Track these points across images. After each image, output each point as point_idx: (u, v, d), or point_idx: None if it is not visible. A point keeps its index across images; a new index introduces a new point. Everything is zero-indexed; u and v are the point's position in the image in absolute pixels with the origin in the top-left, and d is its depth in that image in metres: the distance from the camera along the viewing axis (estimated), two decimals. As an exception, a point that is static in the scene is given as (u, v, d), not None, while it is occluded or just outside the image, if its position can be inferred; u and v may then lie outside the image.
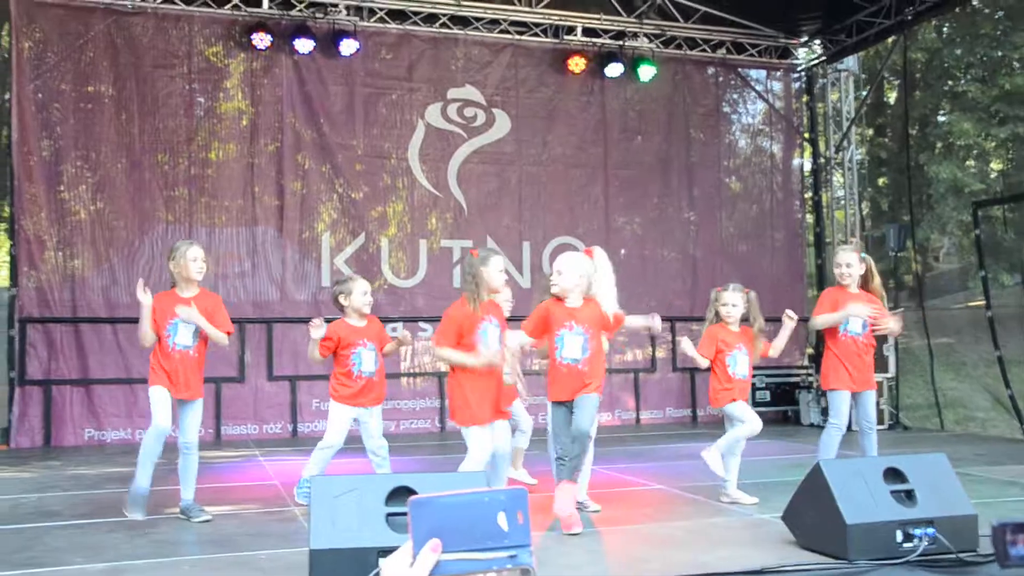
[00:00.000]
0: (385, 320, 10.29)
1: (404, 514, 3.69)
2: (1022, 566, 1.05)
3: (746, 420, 5.54)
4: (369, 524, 3.64)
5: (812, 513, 4.15)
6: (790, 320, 5.74)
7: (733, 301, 5.58)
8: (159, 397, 5.11)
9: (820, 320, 5.78)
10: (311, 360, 5.69)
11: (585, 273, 4.96)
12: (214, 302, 5.37)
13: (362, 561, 3.50)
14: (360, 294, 5.62)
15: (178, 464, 5.21)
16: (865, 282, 5.79)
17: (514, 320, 5.49)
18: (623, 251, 11.45)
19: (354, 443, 5.64)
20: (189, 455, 5.18)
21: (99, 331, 9.34)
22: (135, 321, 5.38)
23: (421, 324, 10.46)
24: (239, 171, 10.01)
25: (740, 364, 5.65)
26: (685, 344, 5.85)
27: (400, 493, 3.74)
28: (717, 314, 5.77)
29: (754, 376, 10.96)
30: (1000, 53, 17.65)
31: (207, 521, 5.09)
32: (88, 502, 5.85)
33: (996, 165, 18.95)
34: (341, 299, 5.67)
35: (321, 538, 3.61)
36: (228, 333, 5.35)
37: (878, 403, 10.10)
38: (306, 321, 5.94)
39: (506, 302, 5.52)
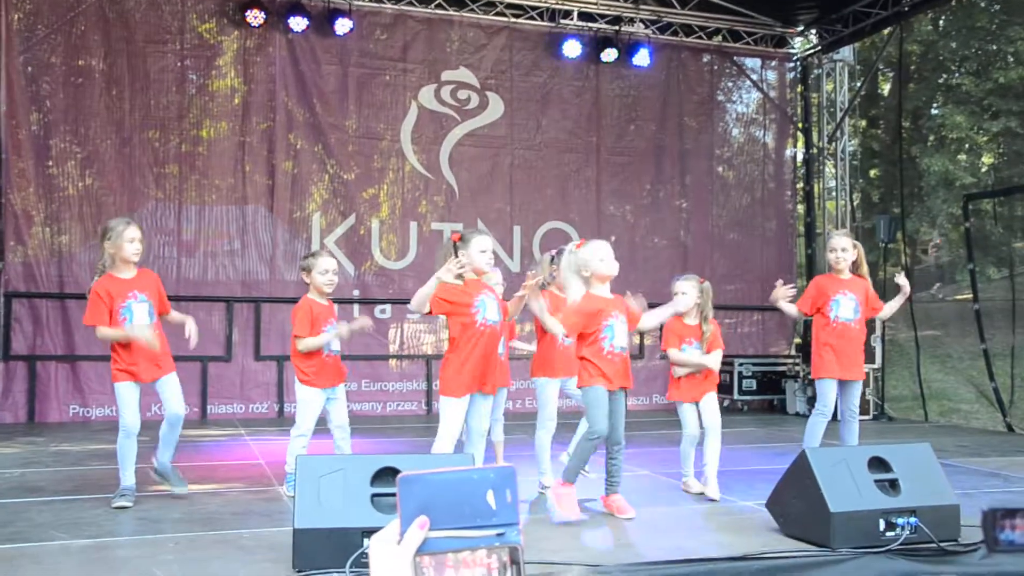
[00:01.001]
0: (374, 302, 10.36)
1: (389, 495, 3.69)
2: (1010, 551, 1.05)
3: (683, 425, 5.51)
4: (354, 504, 3.64)
5: (796, 501, 4.17)
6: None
7: (683, 290, 5.49)
8: (125, 394, 4.91)
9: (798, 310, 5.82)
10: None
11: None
12: (156, 281, 5.19)
13: (346, 541, 3.50)
14: (319, 272, 5.39)
15: (162, 430, 5.05)
16: (855, 267, 5.81)
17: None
18: (613, 237, 11.41)
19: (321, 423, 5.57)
20: (177, 427, 5.07)
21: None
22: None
23: (409, 306, 10.44)
24: (230, 149, 9.95)
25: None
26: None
27: (385, 474, 3.73)
28: None
29: (740, 364, 11.09)
30: (995, 47, 17.66)
31: (182, 494, 5.07)
32: (72, 478, 5.84)
33: (987, 159, 18.99)
34: (303, 275, 5.53)
35: (305, 518, 3.60)
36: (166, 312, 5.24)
37: (864, 393, 10.18)
38: (295, 301, 5.87)
39: (497, 285, 5.43)
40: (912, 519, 3.96)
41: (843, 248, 5.77)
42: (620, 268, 4.99)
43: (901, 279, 5.77)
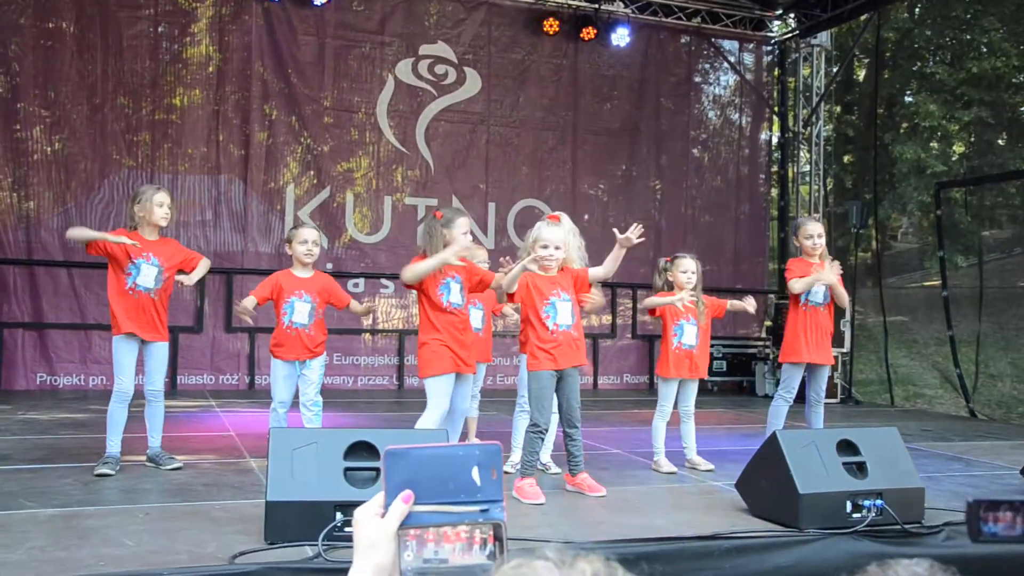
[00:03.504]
0: (347, 275, 10.30)
1: (362, 469, 3.69)
2: (992, 542, 1.08)
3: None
4: (327, 478, 3.63)
5: (765, 482, 4.22)
6: (749, 306, 5.89)
7: (692, 268, 5.66)
8: (125, 352, 4.95)
9: (799, 284, 5.80)
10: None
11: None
12: (178, 249, 5.28)
13: (318, 515, 3.50)
14: (299, 243, 5.38)
15: (145, 411, 5.12)
16: (822, 254, 5.90)
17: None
18: (587, 216, 11.46)
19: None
20: (156, 404, 5.10)
21: (54, 274, 9.17)
22: (92, 266, 5.28)
23: (383, 281, 10.43)
24: (204, 118, 9.82)
25: (687, 335, 5.70)
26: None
27: (359, 448, 3.73)
28: (669, 283, 5.78)
29: (711, 345, 11.18)
30: (969, 36, 17.81)
31: (178, 468, 5.05)
32: (39, 447, 5.78)
33: (958, 148, 19.21)
34: (287, 247, 5.60)
35: (277, 490, 3.59)
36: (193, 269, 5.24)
37: (832, 377, 10.31)
38: (267, 273, 5.86)
39: (482, 263, 5.45)
40: (878, 501, 4.02)
41: (819, 234, 5.85)
42: (592, 246, 5.04)
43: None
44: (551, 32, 10.91)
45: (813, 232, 5.85)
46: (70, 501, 4.25)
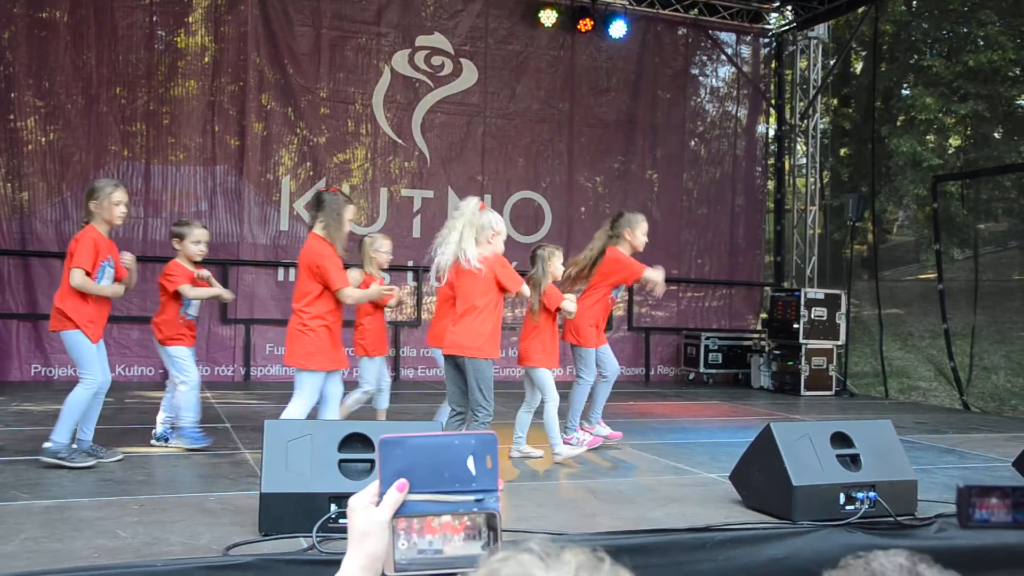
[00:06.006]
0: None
1: (357, 461, 3.69)
2: (982, 528, 1.09)
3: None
4: (321, 470, 3.64)
5: (760, 474, 4.23)
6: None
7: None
8: (94, 348, 4.90)
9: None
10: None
11: None
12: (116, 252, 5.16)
13: (313, 506, 3.50)
14: (192, 242, 5.55)
15: (93, 404, 5.02)
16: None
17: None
18: (583, 208, 11.46)
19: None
20: (103, 396, 5.07)
21: (48, 265, 9.14)
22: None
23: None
24: (200, 109, 9.79)
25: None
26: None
27: (353, 440, 3.73)
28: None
29: (707, 338, 11.21)
30: (966, 30, 17.78)
31: (119, 460, 5.00)
32: (34, 438, 5.76)
33: (955, 141, 19.20)
34: (175, 242, 5.63)
35: (272, 482, 3.60)
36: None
37: (827, 369, 10.34)
38: (263, 265, 5.87)
39: (386, 254, 5.98)
40: (871, 493, 4.04)
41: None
42: (590, 238, 5.09)
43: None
44: (548, 24, 10.88)
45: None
46: (64, 493, 4.25)
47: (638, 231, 6.01)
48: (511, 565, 0.86)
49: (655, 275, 5.89)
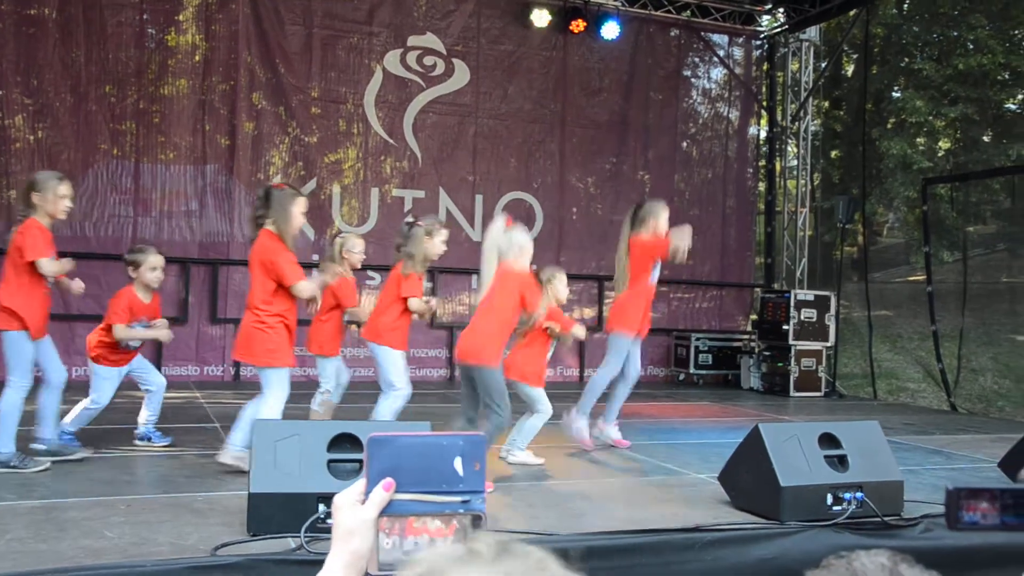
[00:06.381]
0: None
1: (346, 461, 3.68)
2: (970, 530, 1.09)
3: None
4: (310, 470, 3.63)
5: (748, 475, 4.24)
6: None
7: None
8: (33, 350, 4.77)
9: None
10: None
11: None
12: None
13: (302, 506, 3.50)
14: (148, 269, 5.47)
15: (43, 402, 4.93)
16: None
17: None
18: (575, 209, 11.47)
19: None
20: (62, 392, 4.98)
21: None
22: (75, 256, 5.22)
23: (369, 272, 10.38)
24: (190, 108, 9.76)
25: None
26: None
27: (342, 440, 3.73)
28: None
29: (697, 339, 11.23)
30: (956, 33, 17.87)
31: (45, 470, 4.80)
32: (20, 438, 5.71)
33: (944, 144, 19.29)
34: (130, 270, 5.51)
35: (261, 482, 3.59)
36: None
37: (816, 370, 10.37)
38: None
39: (359, 254, 6.03)
40: (858, 494, 4.05)
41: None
42: (581, 239, 5.12)
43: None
44: (540, 25, 10.87)
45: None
46: (51, 493, 4.23)
47: (661, 219, 6.18)
48: (458, 563, 0.85)
49: (680, 242, 5.96)
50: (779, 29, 12.38)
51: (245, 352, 4.86)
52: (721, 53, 12.33)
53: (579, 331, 5.61)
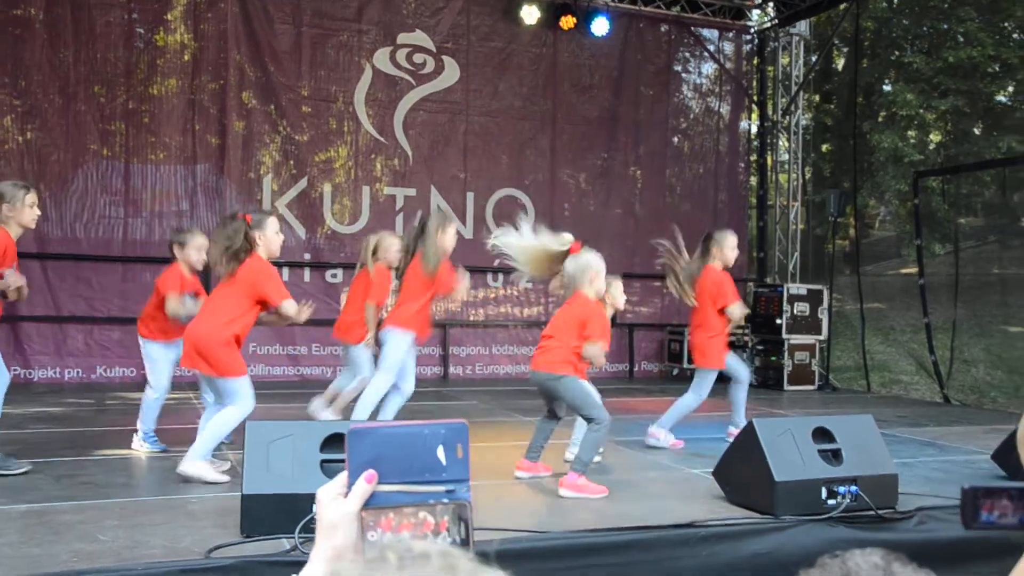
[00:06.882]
0: (326, 266, 10.25)
1: (339, 461, 3.67)
2: (987, 529, 1.08)
3: None
4: (303, 471, 3.62)
5: (742, 470, 4.24)
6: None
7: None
8: None
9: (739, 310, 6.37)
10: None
11: None
12: None
13: (295, 507, 3.48)
14: (194, 249, 5.58)
15: None
16: None
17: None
18: (567, 205, 11.46)
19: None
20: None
21: (27, 267, 8.98)
22: (66, 257, 5.19)
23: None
24: (180, 108, 9.72)
25: None
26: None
27: (335, 440, 3.71)
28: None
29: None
30: (946, 26, 17.91)
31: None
32: (13, 441, 5.71)
33: (935, 136, 19.34)
34: (176, 249, 5.62)
35: (254, 483, 3.58)
36: None
37: (809, 364, 10.40)
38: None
39: (396, 253, 6.10)
40: (853, 488, 4.05)
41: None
42: (572, 234, 5.09)
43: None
44: (530, 21, 10.83)
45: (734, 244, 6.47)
46: (43, 496, 4.21)
47: (726, 247, 6.48)
48: (379, 565, 0.83)
49: (736, 312, 6.37)
50: (769, 23, 12.38)
51: (213, 366, 4.75)
52: (711, 48, 12.33)
53: (597, 356, 5.45)
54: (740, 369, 6.46)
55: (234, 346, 4.68)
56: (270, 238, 4.80)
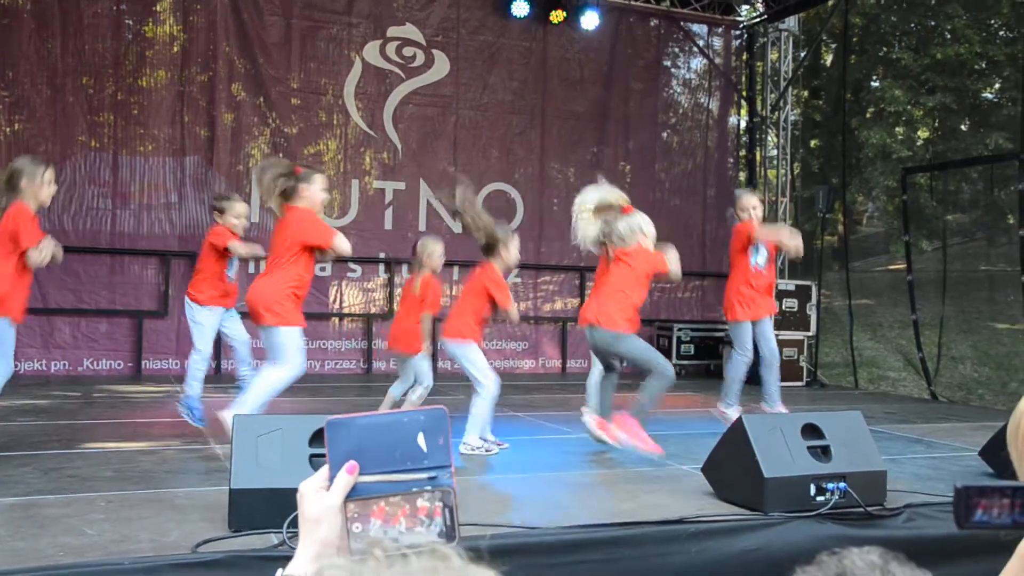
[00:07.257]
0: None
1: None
2: (981, 528, 1.08)
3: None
4: (292, 465, 3.60)
5: (731, 466, 4.25)
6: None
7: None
8: (11, 334, 4.74)
9: (765, 232, 6.66)
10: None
11: None
12: None
13: (284, 502, 3.45)
14: (233, 216, 6.13)
15: None
16: None
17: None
18: (555, 200, 11.45)
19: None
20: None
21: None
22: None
23: (351, 265, 10.35)
24: (169, 99, 9.66)
25: None
26: None
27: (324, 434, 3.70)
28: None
29: (679, 329, 11.27)
30: (933, 23, 17.98)
31: None
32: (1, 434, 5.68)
33: (923, 133, 19.42)
34: (216, 215, 6.28)
35: (241, 478, 3.56)
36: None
37: (798, 360, 10.43)
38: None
39: (440, 257, 6.52)
40: (841, 484, 4.07)
41: (755, 206, 6.71)
42: (562, 230, 5.30)
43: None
44: (520, 15, 10.81)
45: (748, 205, 6.66)
46: (29, 489, 4.18)
47: (746, 202, 6.71)
48: (360, 567, 0.82)
49: (776, 235, 6.89)
50: (758, 19, 12.38)
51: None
52: (701, 43, 12.33)
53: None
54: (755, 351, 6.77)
55: (292, 300, 4.98)
56: (315, 192, 5.06)
